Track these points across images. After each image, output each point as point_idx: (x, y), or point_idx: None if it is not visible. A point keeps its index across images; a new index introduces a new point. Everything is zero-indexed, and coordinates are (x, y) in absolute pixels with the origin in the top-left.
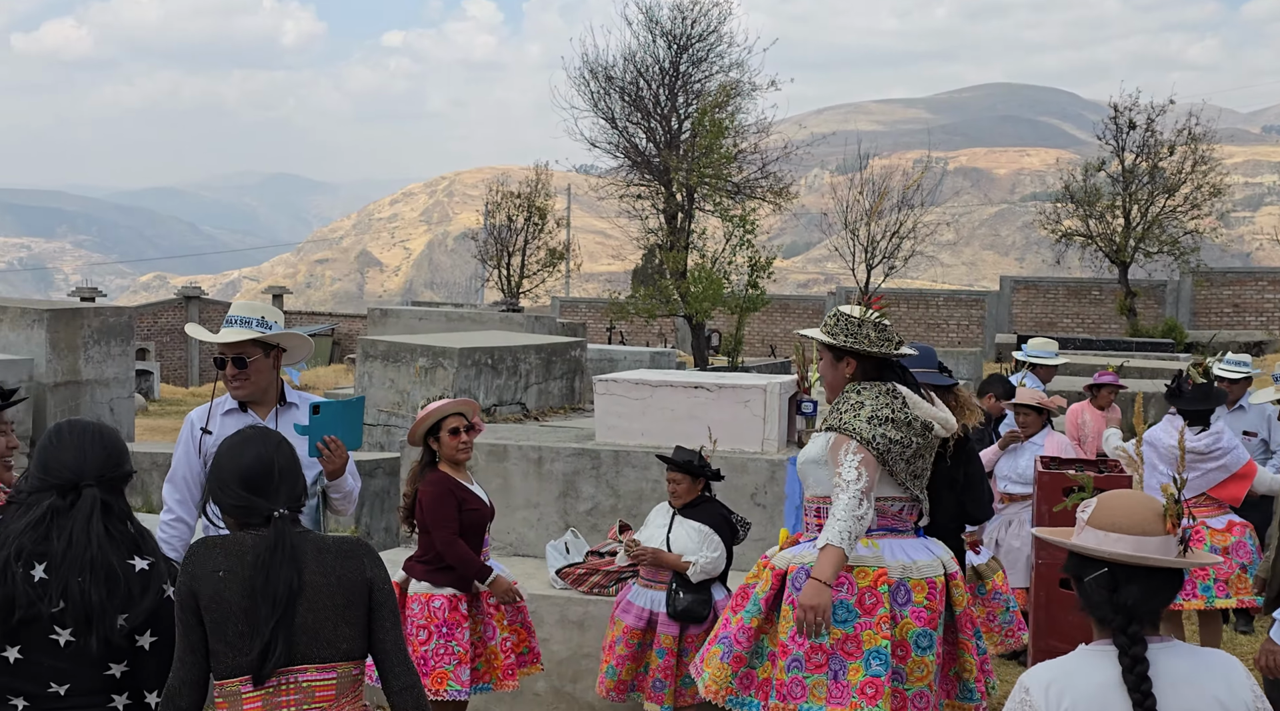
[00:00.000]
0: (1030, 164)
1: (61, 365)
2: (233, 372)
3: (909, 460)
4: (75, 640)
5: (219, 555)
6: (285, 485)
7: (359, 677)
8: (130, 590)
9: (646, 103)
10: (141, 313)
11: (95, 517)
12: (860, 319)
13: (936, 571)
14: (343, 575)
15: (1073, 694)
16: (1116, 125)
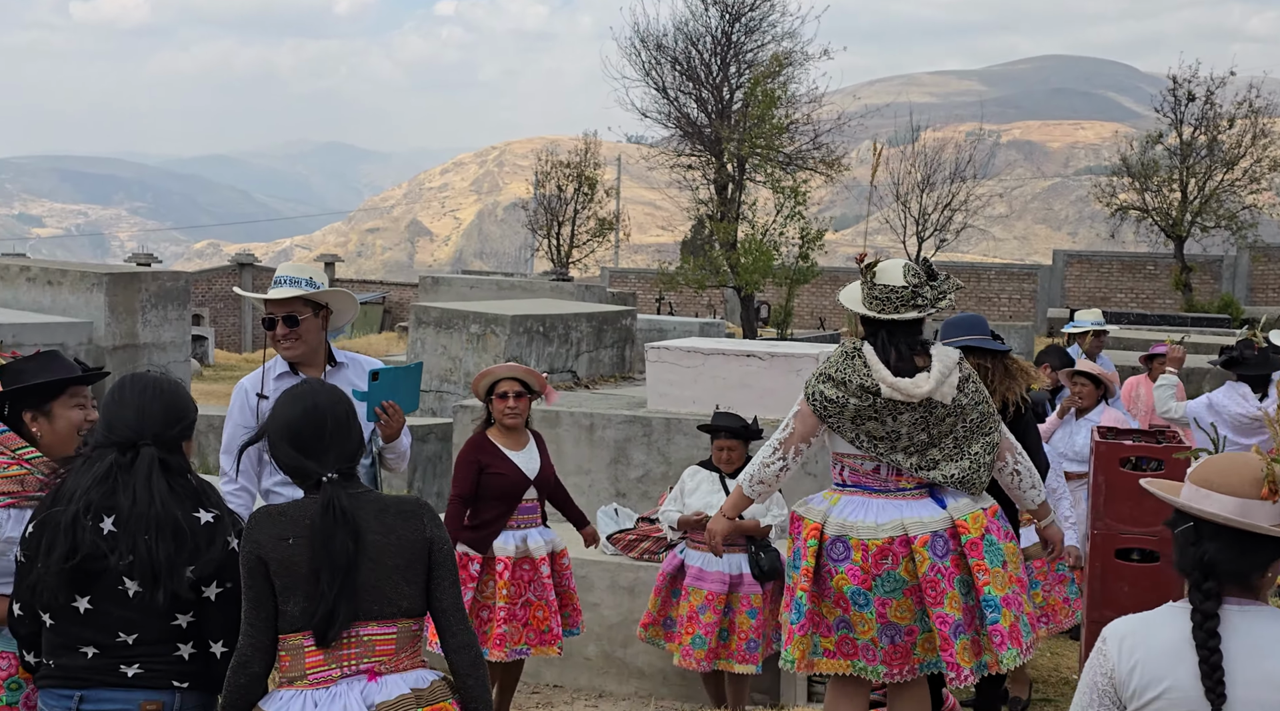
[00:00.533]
0: (1085, 137)
1: (120, 328)
2: (283, 332)
3: (853, 420)
4: (143, 592)
5: (284, 523)
6: (336, 444)
7: (418, 634)
8: (197, 543)
9: (698, 72)
10: (196, 279)
11: (155, 475)
12: (862, 279)
13: (879, 535)
14: (403, 534)
15: (1144, 648)
16: (1175, 97)
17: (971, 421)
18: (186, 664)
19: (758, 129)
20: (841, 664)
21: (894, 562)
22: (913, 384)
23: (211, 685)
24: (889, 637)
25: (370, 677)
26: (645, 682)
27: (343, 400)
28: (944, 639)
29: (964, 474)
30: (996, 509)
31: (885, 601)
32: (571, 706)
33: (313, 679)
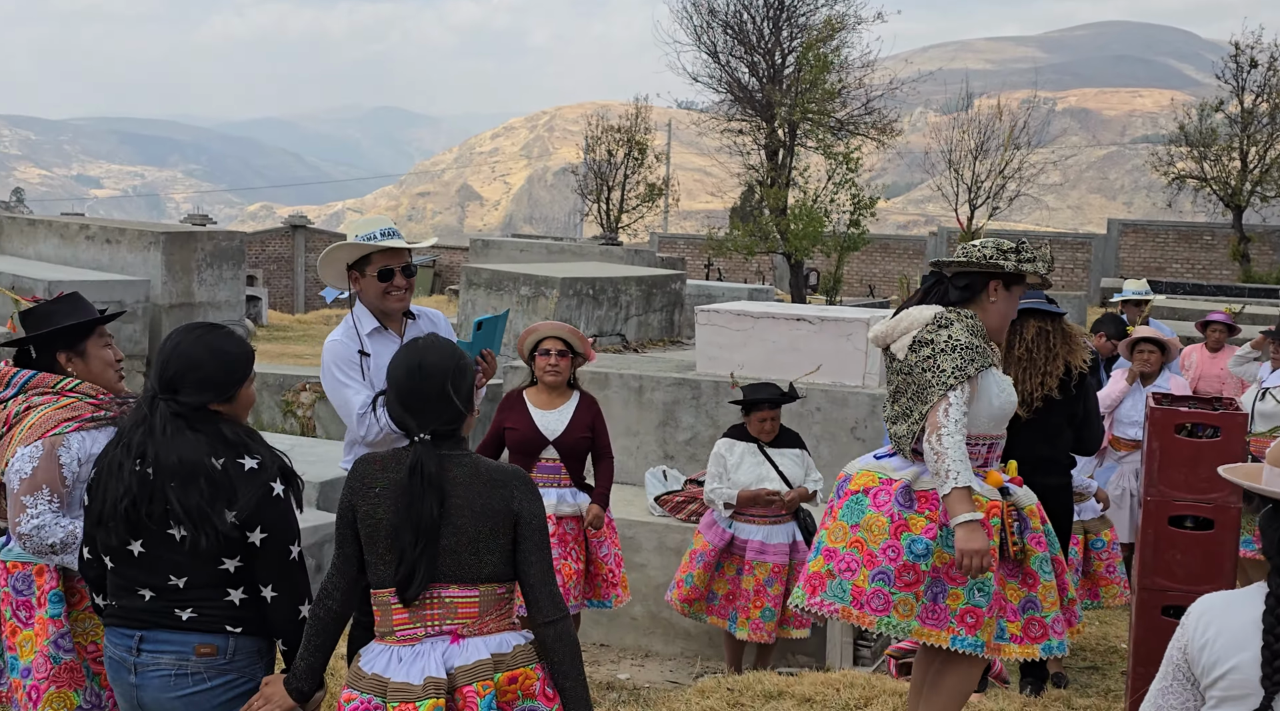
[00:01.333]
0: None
1: (176, 287)
2: (402, 282)
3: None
4: (188, 535)
5: (378, 472)
6: (436, 404)
7: (506, 597)
8: (236, 488)
9: (750, 36)
10: (250, 241)
11: (170, 425)
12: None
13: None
14: (488, 503)
15: (1218, 625)
16: (1237, 64)
17: (919, 385)
18: (238, 609)
19: (809, 94)
20: (1030, 649)
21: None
22: (877, 324)
23: (266, 629)
24: (933, 595)
25: (453, 639)
26: (691, 643)
27: (453, 361)
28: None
29: (903, 433)
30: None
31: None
32: (618, 664)
33: (400, 635)
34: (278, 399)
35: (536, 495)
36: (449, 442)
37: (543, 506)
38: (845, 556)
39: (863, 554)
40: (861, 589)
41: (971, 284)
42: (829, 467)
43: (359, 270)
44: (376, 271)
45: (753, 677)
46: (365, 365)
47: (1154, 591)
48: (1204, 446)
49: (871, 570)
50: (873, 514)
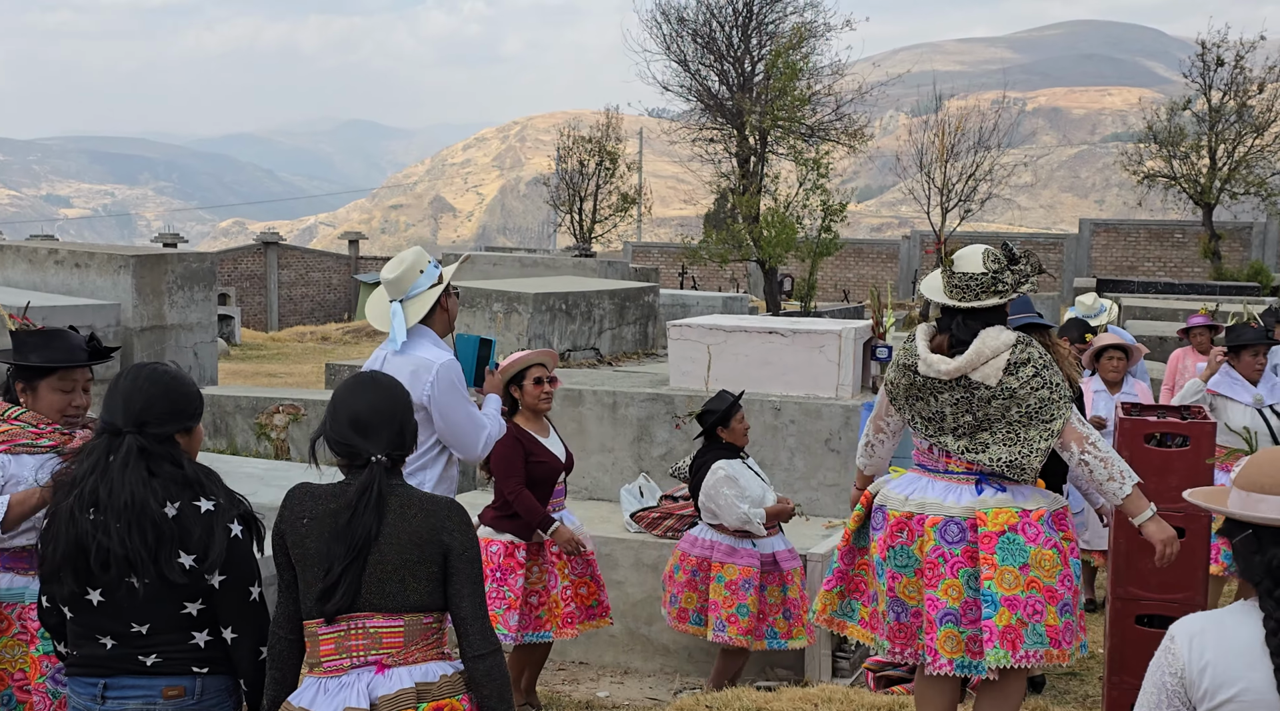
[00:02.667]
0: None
1: (147, 310)
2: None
3: (907, 400)
4: (146, 581)
5: (309, 502)
6: (391, 429)
7: (434, 626)
8: (190, 530)
9: (719, 45)
10: (222, 258)
11: (133, 465)
12: (942, 268)
13: (898, 508)
14: (417, 532)
15: (1216, 647)
16: (1204, 62)
17: (1029, 407)
18: (203, 650)
19: (779, 101)
20: (866, 635)
21: (909, 538)
22: (940, 360)
23: (233, 668)
24: (895, 614)
25: (378, 669)
26: (670, 659)
27: (402, 392)
28: (929, 621)
29: (1013, 458)
30: (1044, 513)
31: (895, 575)
32: (597, 682)
33: (327, 666)
34: (250, 421)
35: (469, 527)
36: (393, 472)
37: (475, 538)
38: (1027, 600)
39: (1042, 592)
40: (1055, 627)
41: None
42: (804, 479)
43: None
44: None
45: (731, 694)
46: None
47: (1128, 600)
48: (1173, 455)
49: (1057, 605)
50: (1035, 549)
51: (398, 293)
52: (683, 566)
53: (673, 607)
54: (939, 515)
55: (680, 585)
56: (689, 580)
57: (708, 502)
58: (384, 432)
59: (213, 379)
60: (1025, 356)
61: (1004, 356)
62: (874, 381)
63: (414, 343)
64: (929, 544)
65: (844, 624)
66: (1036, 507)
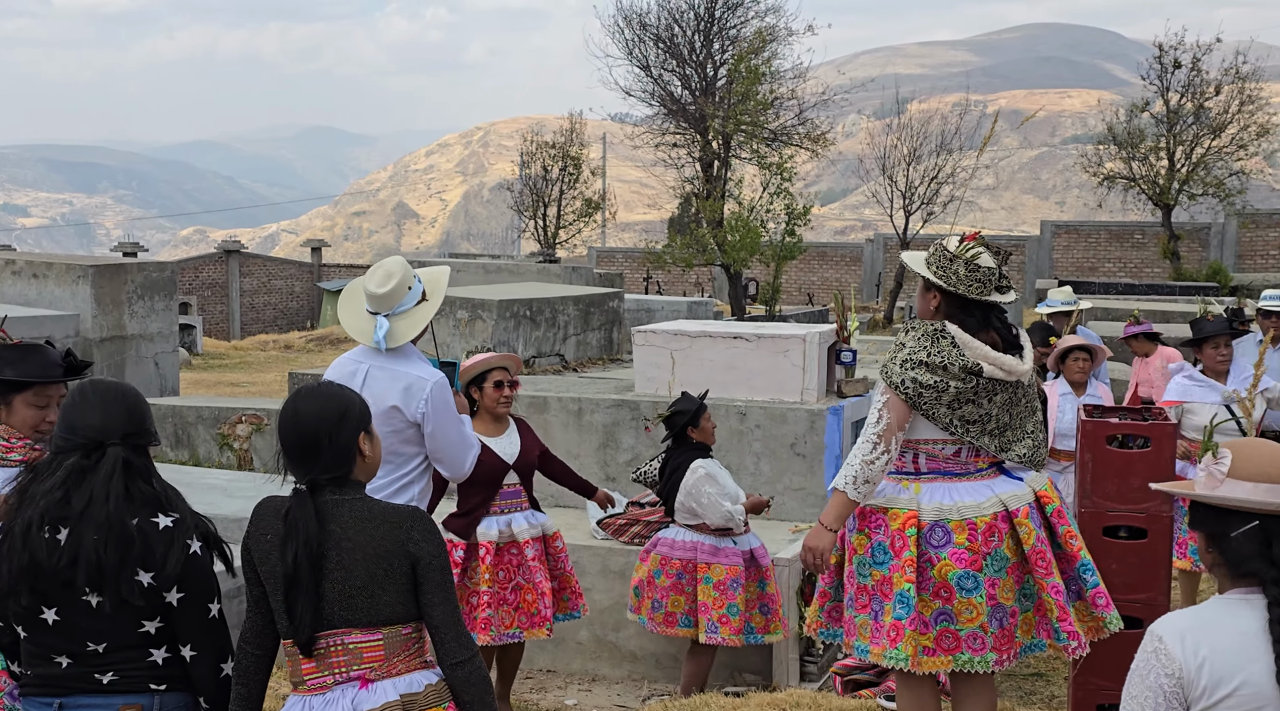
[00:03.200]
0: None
1: (107, 320)
2: None
3: (951, 405)
4: (102, 599)
5: (271, 518)
6: (316, 451)
7: (414, 636)
8: (151, 547)
9: (682, 50)
10: (183, 267)
11: (117, 476)
12: (954, 254)
13: (984, 512)
14: (381, 544)
15: (1210, 643)
16: (1161, 64)
17: (1031, 399)
18: (161, 668)
19: (742, 106)
20: (944, 661)
21: (999, 540)
22: (1015, 361)
23: (191, 685)
24: (998, 621)
25: (362, 684)
26: (638, 666)
27: (334, 407)
28: (1060, 608)
29: (1030, 451)
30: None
31: (994, 581)
32: (565, 690)
33: (310, 684)
34: (213, 432)
35: (435, 535)
36: (334, 488)
37: (443, 546)
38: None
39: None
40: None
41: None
42: (769, 483)
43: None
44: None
45: (699, 700)
46: None
47: None
48: (1135, 457)
49: None
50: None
51: (384, 307)
52: (665, 570)
53: (657, 613)
54: (1023, 505)
55: (664, 589)
56: (674, 583)
57: (689, 502)
58: (311, 454)
59: (174, 389)
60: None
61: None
62: (839, 385)
63: (403, 359)
64: (1031, 536)
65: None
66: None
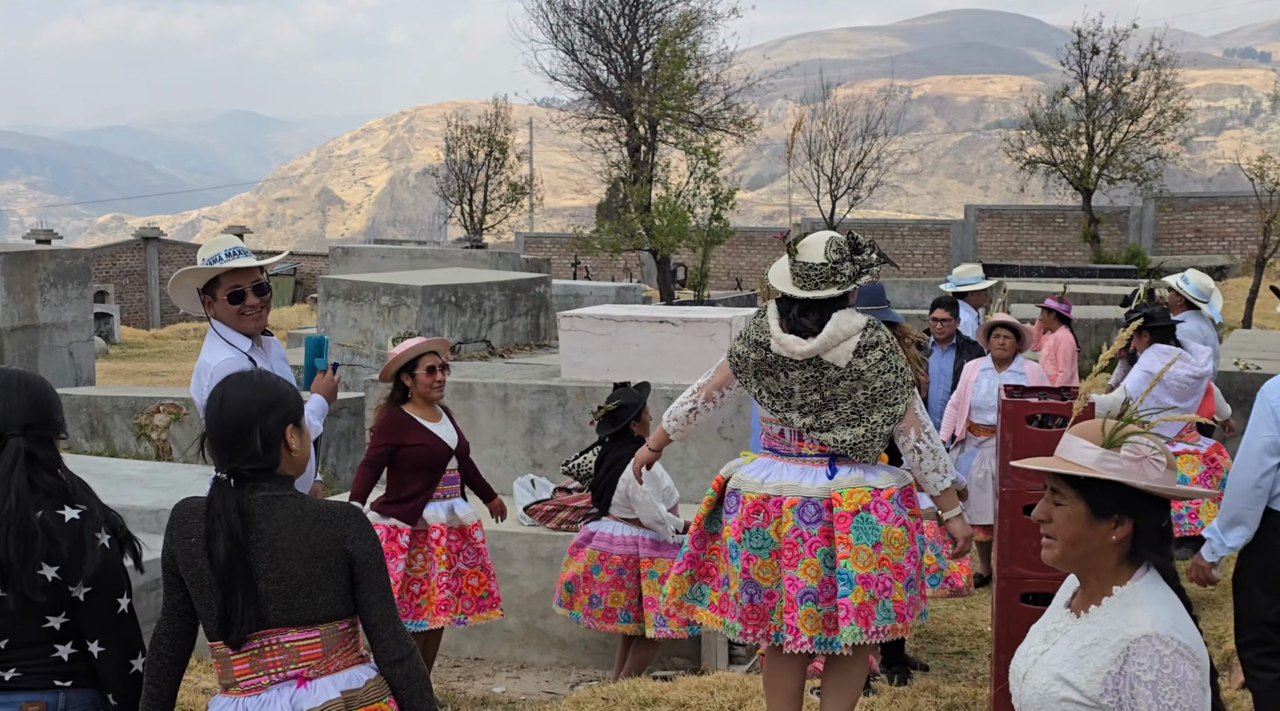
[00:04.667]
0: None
1: (18, 309)
2: (255, 301)
3: (755, 375)
4: (3, 594)
5: (193, 519)
6: (237, 444)
7: (350, 631)
8: (56, 541)
9: (607, 33)
10: (99, 254)
11: (19, 468)
12: (788, 255)
13: (756, 490)
14: (317, 542)
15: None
16: (1080, 50)
17: (874, 390)
18: (66, 664)
19: (668, 90)
20: (716, 619)
21: (764, 520)
22: (795, 341)
23: (98, 682)
24: (748, 595)
25: (300, 683)
26: (566, 652)
27: (261, 397)
28: (789, 600)
29: (856, 440)
30: (894, 492)
31: (750, 557)
32: (493, 678)
33: (244, 685)
34: (130, 422)
35: (370, 532)
36: (264, 482)
37: (378, 543)
38: (879, 578)
39: (891, 569)
40: (901, 602)
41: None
42: (697, 468)
43: (210, 294)
44: (227, 294)
45: (628, 685)
46: None
47: (1013, 579)
48: (1054, 436)
49: (903, 581)
50: (886, 528)
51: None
52: (605, 566)
53: (595, 609)
54: (796, 496)
55: (604, 585)
56: (614, 579)
57: (625, 497)
58: (232, 444)
59: (90, 379)
60: (874, 340)
61: (854, 339)
62: None
63: (207, 343)
64: (787, 525)
65: (693, 608)
66: (887, 486)
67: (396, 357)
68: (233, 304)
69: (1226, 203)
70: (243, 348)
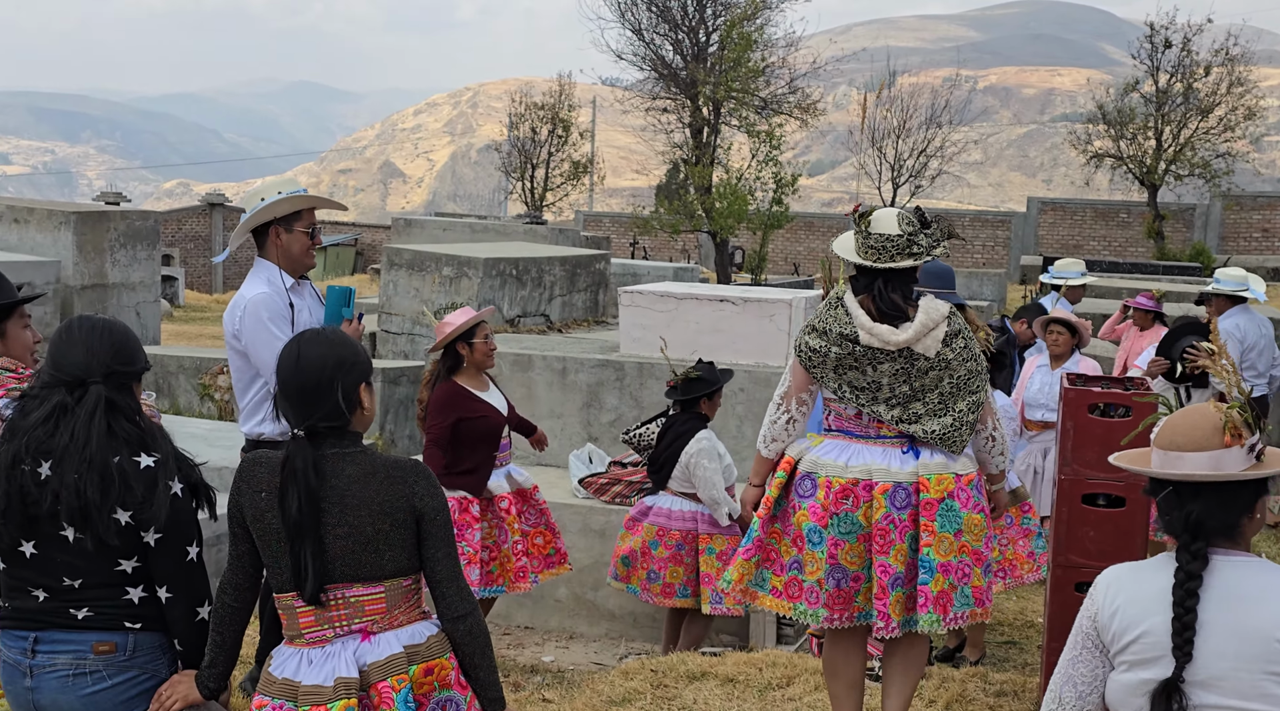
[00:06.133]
0: (1061, 84)
1: (88, 268)
2: (318, 242)
3: (835, 370)
4: (81, 536)
5: (264, 473)
6: (316, 400)
7: (413, 588)
8: (131, 486)
9: (674, 14)
10: (165, 219)
11: (99, 415)
12: (856, 228)
13: (844, 474)
14: (386, 499)
15: (1127, 594)
16: (1152, 44)
17: (959, 378)
18: (137, 607)
19: (733, 72)
20: (784, 605)
21: (854, 504)
22: (889, 331)
23: (166, 626)
24: (835, 581)
25: (364, 637)
26: (615, 624)
27: (337, 354)
28: (881, 587)
29: (945, 430)
30: (974, 478)
31: (838, 542)
32: (542, 647)
33: (309, 638)
34: (194, 382)
35: (438, 489)
36: (335, 439)
37: (445, 500)
38: (959, 565)
39: (970, 555)
40: (980, 588)
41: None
42: (752, 447)
43: (286, 226)
44: (307, 228)
45: (676, 659)
46: (294, 317)
47: (1068, 568)
48: (1116, 426)
49: (981, 567)
50: (968, 514)
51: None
52: (663, 541)
53: (654, 584)
54: (888, 481)
55: (663, 560)
56: (673, 554)
57: (687, 471)
58: (305, 404)
59: (155, 339)
60: (958, 327)
61: (942, 327)
62: None
63: (248, 279)
64: (879, 511)
65: (756, 593)
66: (967, 472)
67: (457, 327)
68: (310, 238)
69: None
70: (284, 284)
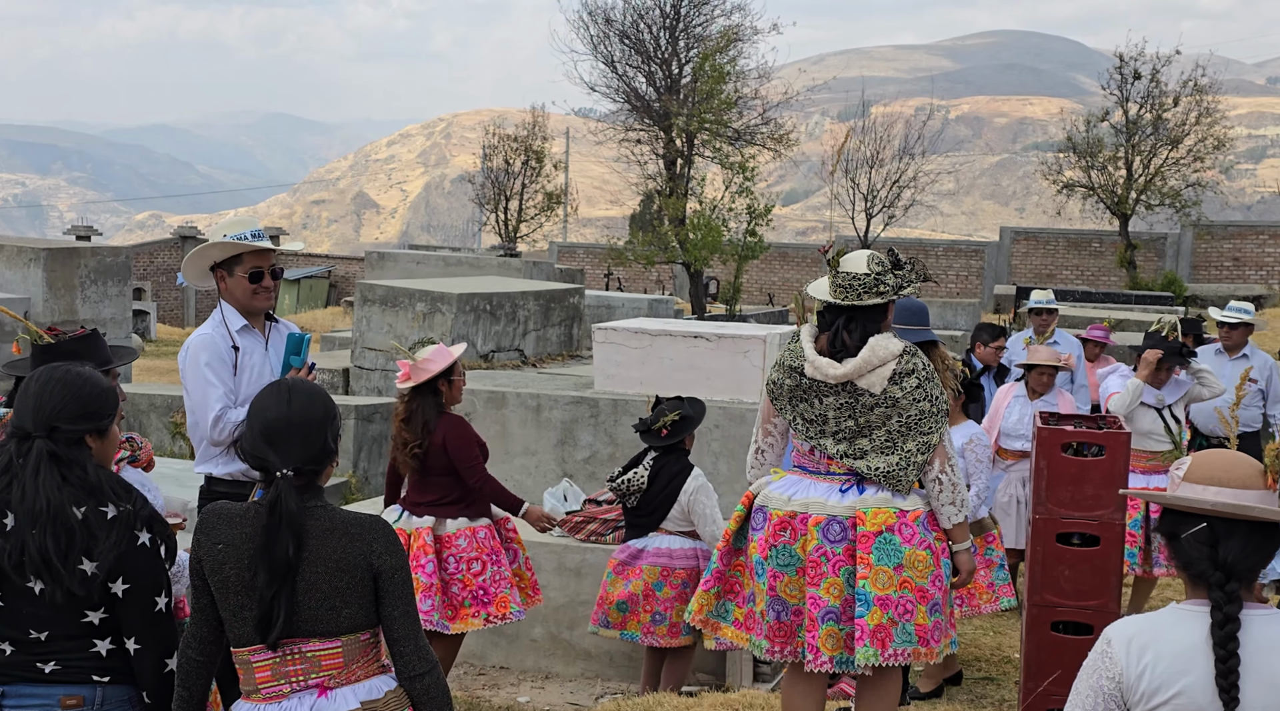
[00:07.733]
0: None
1: (59, 304)
2: (270, 284)
3: (790, 401)
4: (46, 587)
5: (223, 526)
6: (301, 443)
7: (372, 642)
8: (95, 536)
9: (647, 46)
10: (137, 252)
11: (43, 468)
12: (828, 269)
13: (783, 507)
14: (345, 556)
15: (1155, 650)
16: (1121, 75)
17: (909, 418)
18: (104, 659)
19: (706, 104)
20: (742, 636)
21: (791, 537)
22: (829, 364)
23: (135, 679)
24: (775, 613)
25: (321, 692)
26: (591, 664)
27: (325, 401)
28: (811, 619)
29: (891, 469)
30: (920, 514)
31: (777, 574)
32: (518, 687)
33: (265, 693)
34: (165, 420)
35: (398, 546)
36: (309, 490)
37: (404, 558)
38: (899, 600)
39: (914, 591)
40: (924, 626)
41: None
42: (728, 484)
43: (227, 269)
44: (247, 272)
45: (653, 700)
46: (238, 360)
47: (1044, 607)
48: (1089, 465)
49: (926, 605)
50: (910, 550)
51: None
52: (668, 582)
53: (659, 626)
54: (822, 514)
55: (669, 601)
56: (679, 593)
57: (684, 510)
58: (294, 445)
59: (126, 376)
60: (910, 367)
61: (890, 365)
62: None
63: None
64: (812, 543)
65: (718, 625)
66: (913, 508)
67: (432, 365)
68: (251, 283)
69: (1266, 231)
70: (233, 326)
